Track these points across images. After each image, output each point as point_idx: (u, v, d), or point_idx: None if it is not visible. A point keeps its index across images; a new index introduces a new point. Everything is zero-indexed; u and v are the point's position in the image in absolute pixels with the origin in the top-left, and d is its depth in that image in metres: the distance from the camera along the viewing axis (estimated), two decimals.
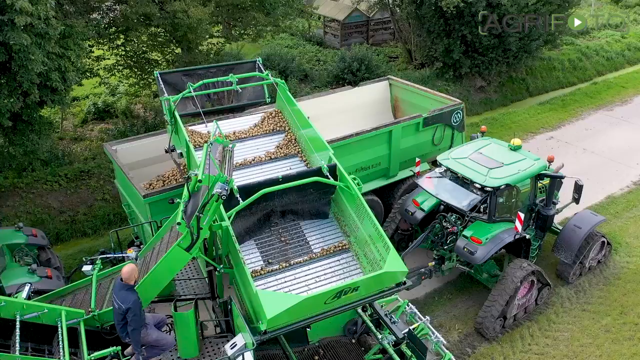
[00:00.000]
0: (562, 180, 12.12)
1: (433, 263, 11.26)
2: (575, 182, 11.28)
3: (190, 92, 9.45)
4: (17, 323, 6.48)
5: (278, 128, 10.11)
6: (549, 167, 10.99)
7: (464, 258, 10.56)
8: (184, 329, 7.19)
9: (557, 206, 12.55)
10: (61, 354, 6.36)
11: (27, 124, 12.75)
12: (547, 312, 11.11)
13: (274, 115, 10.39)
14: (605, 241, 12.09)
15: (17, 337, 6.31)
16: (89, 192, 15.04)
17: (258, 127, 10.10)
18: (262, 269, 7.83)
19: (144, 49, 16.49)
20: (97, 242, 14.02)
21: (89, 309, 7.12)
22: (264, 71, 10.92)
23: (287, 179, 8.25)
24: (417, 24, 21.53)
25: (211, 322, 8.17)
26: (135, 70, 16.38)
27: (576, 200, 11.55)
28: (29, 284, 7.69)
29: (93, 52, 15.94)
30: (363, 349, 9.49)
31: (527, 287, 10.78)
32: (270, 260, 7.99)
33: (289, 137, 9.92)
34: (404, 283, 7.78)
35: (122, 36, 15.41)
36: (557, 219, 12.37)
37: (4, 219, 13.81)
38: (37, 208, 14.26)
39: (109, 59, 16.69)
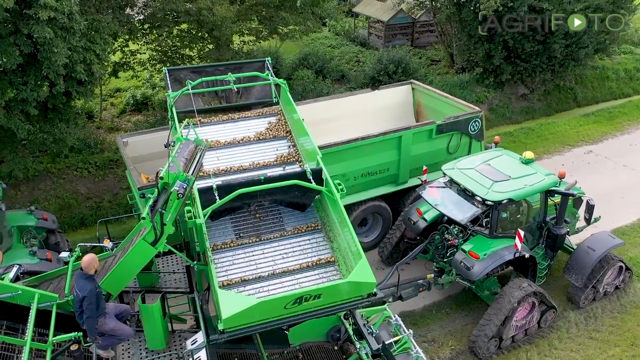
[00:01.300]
0: (582, 198, 11.48)
1: (432, 275, 10.94)
2: (587, 201, 10.62)
3: (188, 89, 9.62)
4: None
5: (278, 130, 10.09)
6: (560, 184, 10.38)
7: (460, 272, 10.19)
8: (149, 320, 7.38)
9: (577, 225, 11.92)
10: (27, 333, 6.67)
11: (57, 112, 13.50)
12: (549, 337, 10.52)
13: (277, 115, 10.39)
14: (624, 266, 11.29)
15: None
16: (115, 180, 15.69)
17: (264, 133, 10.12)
18: (232, 242, 7.86)
19: (177, 44, 16.98)
20: (118, 228, 14.60)
21: (64, 294, 7.43)
22: (271, 71, 10.96)
23: (269, 179, 8.26)
24: (459, 27, 20.92)
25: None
26: (168, 64, 16.88)
27: (587, 220, 10.87)
28: (18, 265, 8.13)
29: (128, 46, 16.60)
30: (344, 356, 9.35)
31: (527, 309, 10.26)
32: (241, 234, 7.99)
33: (290, 140, 9.88)
34: (375, 294, 7.60)
35: (155, 32, 15.94)
36: (578, 239, 11.69)
37: (34, 201, 14.68)
38: (65, 193, 15.04)
39: (144, 53, 17.32)
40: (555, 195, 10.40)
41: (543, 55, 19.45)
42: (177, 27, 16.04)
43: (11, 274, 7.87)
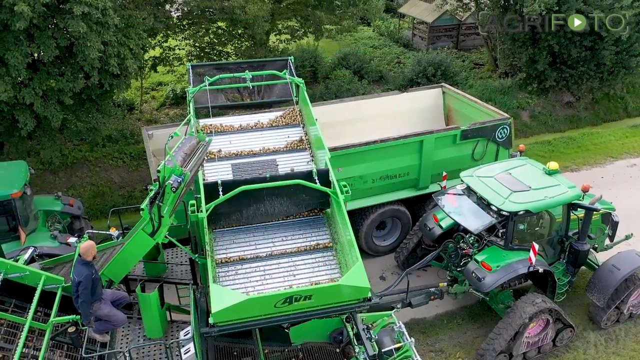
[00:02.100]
0: (612, 215, 10.90)
1: (445, 284, 10.68)
2: (611, 217, 10.06)
3: (205, 86, 9.80)
4: (0, 281, 7.25)
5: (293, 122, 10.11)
6: (583, 197, 9.90)
7: (471, 283, 9.91)
8: (146, 309, 7.59)
9: (606, 242, 11.36)
10: (29, 312, 7.02)
11: (94, 103, 14.08)
12: (564, 356, 10.08)
13: (294, 112, 10.42)
14: None
15: None
16: (147, 171, 16.16)
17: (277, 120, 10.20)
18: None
19: (215, 41, 17.33)
20: (138, 217, 15.08)
21: (70, 278, 7.75)
22: (292, 70, 10.99)
23: (274, 178, 8.31)
24: (503, 30, 20.28)
25: None
26: (205, 60, 17.26)
27: (610, 237, 10.31)
28: (33, 248, 8.55)
29: (167, 41, 17.09)
30: (345, 359, 9.31)
31: (541, 325, 9.85)
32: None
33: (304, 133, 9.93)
34: (370, 299, 7.51)
35: (192, 29, 16.34)
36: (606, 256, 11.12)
37: (70, 187, 15.39)
38: (100, 181, 15.68)
39: (183, 49, 17.78)
40: (579, 209, 9.93)
41: (591, 62, 18.58)
42: (213, 25, 16.36)
43: (26, 256, 8.30)
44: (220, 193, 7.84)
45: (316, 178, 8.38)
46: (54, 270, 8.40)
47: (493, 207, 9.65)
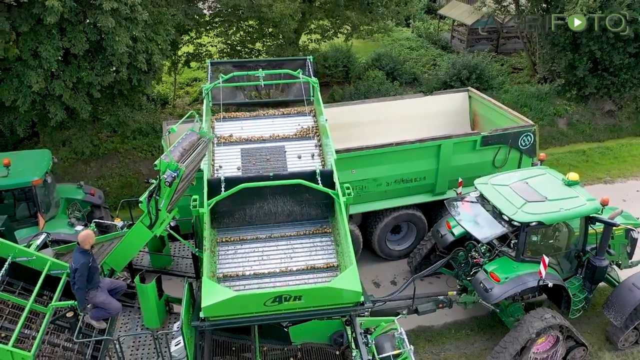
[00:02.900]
0: (632, 231, 10.38)
1: (454, 293, 10.44)
2: (630, 233, 9.57)
3: (219, 83, 9.94)
4: (7, 263, 7.59)
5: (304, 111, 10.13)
6: (602, 211, 9.45)
7: (478, 293, 9.64)
8: (144, 299, 7.78)
9: (633, 259, 10.83)
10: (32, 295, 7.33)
11: (123, 97, 14.53)
12: None
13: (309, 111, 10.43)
14: None
15: (2, 272, 7.40)
16: None
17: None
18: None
19: (247, 38, 17.54)
20: None
21: None
22: (311, 70, 11.00)
23: (277, 177, 8.34)
24: (543, 34, 19.61)
25: None
26: (236, 57, 17.50)
27: (628, 254, 9.79)
28: (46, 234, 8.91)
29: (199, 38, 17.42)
30: None
31: (550, 342, 9.49)
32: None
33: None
34: (362, 304, 7.42)
35: (222, 26, 16.59)
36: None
37: (100, 177, 15.93)
38: (129, 172, 16.16)
39: (215, 46, 18.08)
40: (597, 223, 9.50)
41: (635, 69, 17.76)
42: (244, 22, 16.55)
43: (38, 241, 8.67)
44: (222, 190, 7.96)
45: (319, 178, 8.36)
46: (65, 257, 8.74)
47: (505, 217, 9.36)
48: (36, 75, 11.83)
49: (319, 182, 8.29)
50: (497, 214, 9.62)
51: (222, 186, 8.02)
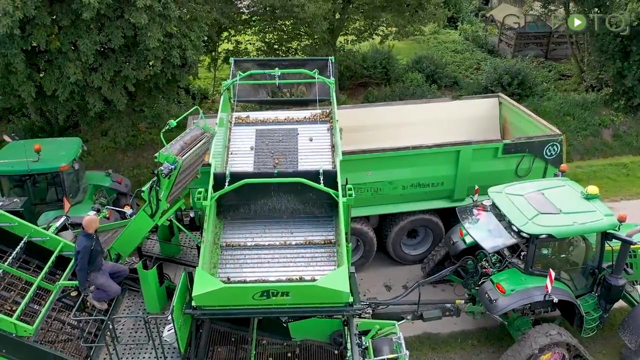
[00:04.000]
0: None
1: (462, 302, 10.25)
2: None
3: (236, 80, 10.18)
4: (23, 242, 8.13)
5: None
6: (619, 228, 9.02)
7: (483, 304, 9.44)
8: (145, 284, 8.11)
9: None
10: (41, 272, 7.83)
11: (160, 91, 15.12)
12: None
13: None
14: None
15: (17, 250, 7.94)
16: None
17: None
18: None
19: (285, 37, 17.81)
20: None
21: None
22: (332, 70, 11.06)
23: (281, 174, 8.48)
24: (591, 41, 18.82)
25: None
26: (272, 56, 17.80)
27: None
28: (66, 217, 9.45)
29: (236, 36, 17.85)
30: None
31: (556, 359, 9.16)
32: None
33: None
34: (352, 305, 7.45)
35: (258, 25, 16.93)
36: None
37: (136, 166, 16.63)
38: None
39: (253, 44, 18.47)
40: (614, 240, 9.09)
41: None
42: (280, 22, 16.81)
43: (58, 223, 9.21)
44: (227, 184, 8.19)
45: (321, 178, 8.43)
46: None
47: (514, 227, 9.12)
48: (74, 67, 12.52)
49: (321, 181, 8.36)
50: (507, 224, 9.38)
51: (227, 181, 8.25)
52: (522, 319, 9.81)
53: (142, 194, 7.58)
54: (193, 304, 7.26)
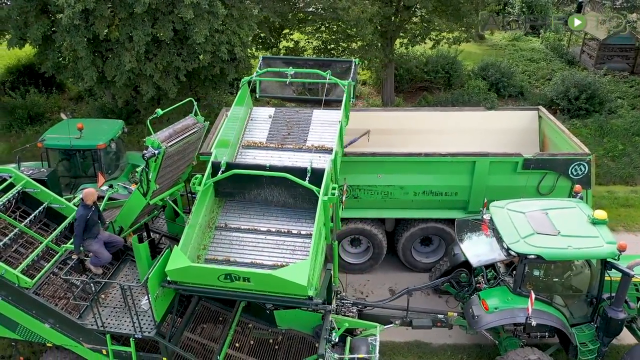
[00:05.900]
0: None
1: (455, 314, 10.07)
2: None
3: (253, 77, 10.72)
4: (43, 207, 9.28)
5: None
6: (619, 257, 8.42)
7: (466, 318, 9.25)
8: (138, 256, 8.88)
9: None
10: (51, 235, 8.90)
11: (212, 82, 16.12)
12: None
13: None
14: None
15: (36, 213, 9.08)
16: None
17: None
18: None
19: (339, 37, 18.14)
20: None
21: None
22: (355, 72, 11.27)
23: (272, 169, 8.91)
24: None
25: None
26: (325, 56, 18.19)
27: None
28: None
29: (292, 35, 18.46)
30: None
31: None
32: None
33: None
34: (311, 298, 7.71)
35: (312, 25, 17.41)
36: None
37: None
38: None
39: (311, 42, 18.98)
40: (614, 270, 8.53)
41: None
42: (333, 23, 17.14)
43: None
44: (220, 173, 8.79)
45: (308, 175, 8.73)
46: (108, 211, 10.32)
47: (504, 245, 8.85)
48: (129, 56, 13.77)
49: (307, 178, 8.66)
50: (499, 241, 9.11)
51: (221, 169, 8.84)
52: (511, 339, 9.47)
53: (136, 174, 8.37)
54: (168, 278, 7.94)
